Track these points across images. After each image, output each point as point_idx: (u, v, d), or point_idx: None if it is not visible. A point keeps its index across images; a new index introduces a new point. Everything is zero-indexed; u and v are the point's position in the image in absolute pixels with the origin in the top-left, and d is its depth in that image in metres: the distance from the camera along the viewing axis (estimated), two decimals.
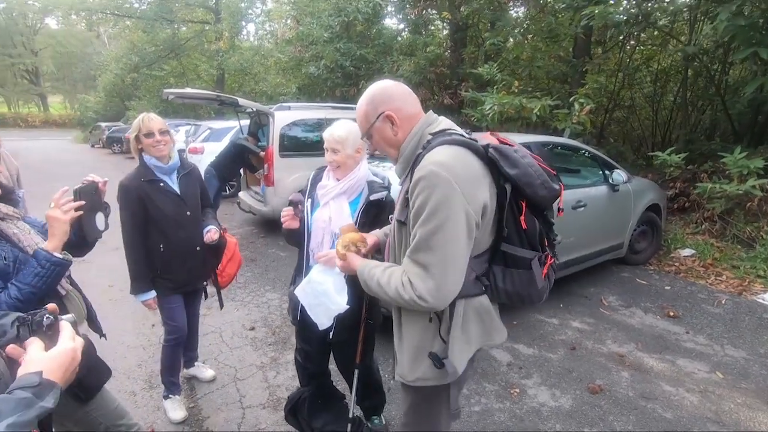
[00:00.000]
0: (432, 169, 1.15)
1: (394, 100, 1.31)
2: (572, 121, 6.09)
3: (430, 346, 1.28)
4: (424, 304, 1.17)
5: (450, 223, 1.14)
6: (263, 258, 5.20)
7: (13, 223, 1.45)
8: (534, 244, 1.29)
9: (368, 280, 1.30)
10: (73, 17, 25.65)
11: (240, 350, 3.16)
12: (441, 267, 1.15)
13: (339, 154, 1.80)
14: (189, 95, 5.90)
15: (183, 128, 14.18)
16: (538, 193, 1.23)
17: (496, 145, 1.26)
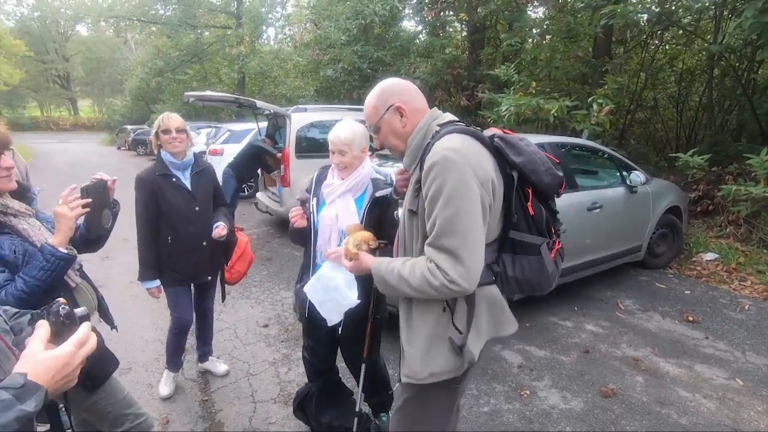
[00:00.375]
0: (445, 154, 1.18)
1: (404, 94, 1.37)
2: (591, 122, 6.00)
3: (444, 336, 1.29)
4: (456, 289, 1.17)
5: (470, 205, 1.18)
6: (279, 257, 5.28)
7: (24, 219, 1.51)
8: (541, 230, 1.32)
9: (387, 276, 1.29)
10: (102, 24, 26.55)
11: (253, 346, 3.22)
12: (468, 249, 1.17)
13: (346, 155, 1.83)
14: (209, 98, 6.06)
15: (204, 130, 14.51)
16: (543, 179, 1.27)
17: (502, 135, 1.32)
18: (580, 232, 3.67)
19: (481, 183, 1.20)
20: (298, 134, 5.83)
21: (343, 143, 1.81)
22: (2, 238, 1.38)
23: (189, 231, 2.33)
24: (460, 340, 1.25)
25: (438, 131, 1.30)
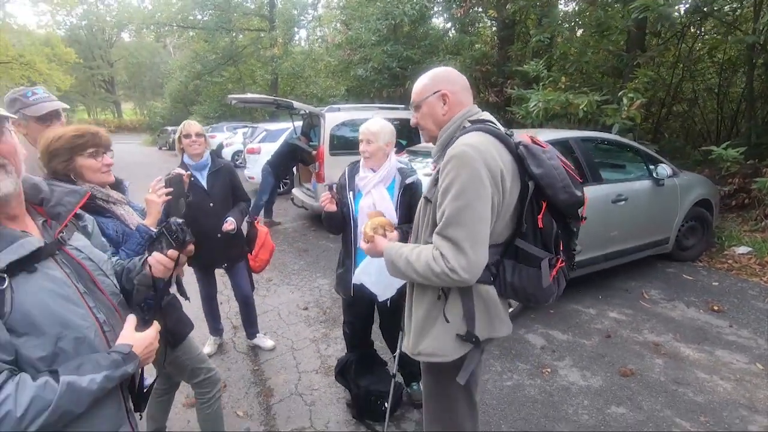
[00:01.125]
0: (464, 149, 1.26)
1: (453, 84, 1.43)
2: (621, 117, 6.01)
3: (434, 322, 1.39)
4: (455, 278, 1.24)
5: (479, 200, 1.24)
6: (314, 249, 5.62)
7: (121, 206, 1.84)
8: (548, 244, 1.35)
9: (396, 259, 1.38)
10: (143, 31, 27.95)
11: (295, 326, 3.55)
12: (471, 242, 1.24)
13: (372, 145, 2.10)
14: (249, 100, 6.48)
15: (240, 130, 15.18)
16: (558, 195, 1.29)
17: (528, 143, 1.34)
18: (604, 224, 3.80)
19: (491, 178, 1.25)
20: (332, 132, 6.14)
21: (371, 133, 2.09)
22: (107, 221, 1.71)
23: (204, 224, 2.59)
24: (450, 329, 1.35)
25: (465, 127, 1.38)
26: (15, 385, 0.81)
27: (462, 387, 1.43)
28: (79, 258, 1.03)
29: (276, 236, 6.17)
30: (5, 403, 0.78)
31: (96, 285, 1.04)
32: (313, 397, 2.64)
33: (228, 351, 3.18)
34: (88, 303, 0.99)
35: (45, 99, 1.87)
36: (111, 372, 0.94)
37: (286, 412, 2.52)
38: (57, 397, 0.84)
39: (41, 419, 0.82)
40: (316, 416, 2.47)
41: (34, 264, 0.92)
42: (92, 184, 1.55)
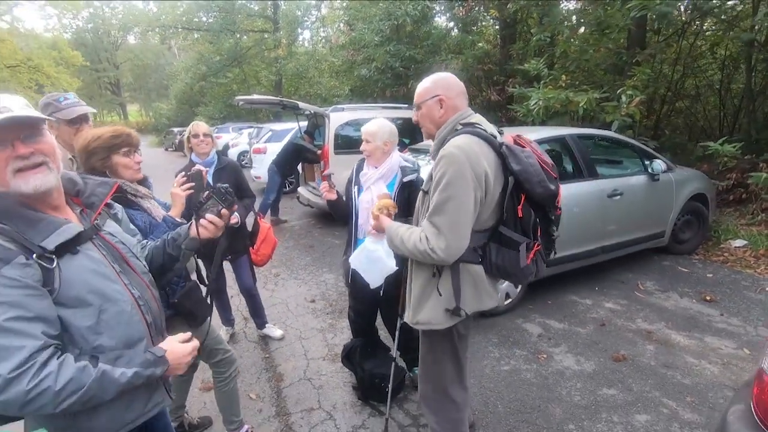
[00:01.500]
0: (452, 150, 1.48)
1: (450, 90, 1.64)
2: (621, 114, 6.11)
3: (429, 295, 1.61)
4: (434, 256, 1.48)
5: (462, 194, 1.46)
6: (320, 245, 5.78)
7: (147, 200, 2.02)
8: (526, 231, 1.57)
9: (393, 236, 1.65)
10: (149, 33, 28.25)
11: (303, 317, 3.71)
12: (451, 228, 1.47)
13: (370, 144, 2.27)
14: (256, 101, 6.65)
15: (246, 131, 15.36)
16: (535, 189, 1.51)
17: (510, 144, 1.57)
18: (600, 218, 3.93)
19: (476, 178, 1.47)
20: (337, 132, 6.30)
21: (369, 134, 2.26)
22: (136, 213, 1.87)
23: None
24: (441, 302, 1.57)
25: (457, 129, 1.59)
26: (59, 364, 0.93)
27: (450, 351, 1.71)
28: (113, 241, 1.19)
29: (283, 233, 6.35)
30: (47, 378, 0.91)
31: (129, 265, 1.20)
32: (321, 381, 2.81)
33: (240, 340, 3.35)
34: (123, 280, 1.15)
35: (75, 104, 2.04)
36: (141, 370, 1.06)
37: (296, 395, 2.69)
38: (91, 381, 0.96)
39: (74, 398, 0.94)
40: (323, 398, 2.64)
41: (76, 247, 1.07)
42: (123, 180, 1.72)
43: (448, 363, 1.74)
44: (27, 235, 0.97)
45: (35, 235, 0.98)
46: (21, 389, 0.88)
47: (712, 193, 4.96)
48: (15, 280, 0.91)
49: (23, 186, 0.97)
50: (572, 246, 3.82)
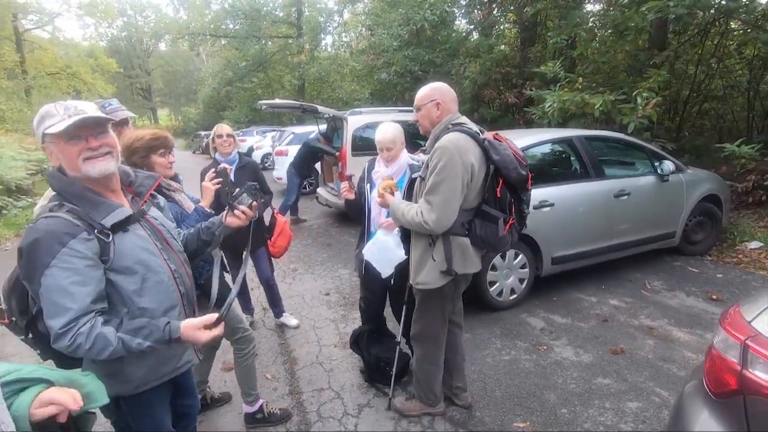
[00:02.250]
0: (446, 144, 1.90)
1: (445, 96, 2.07)
2: (637, 116, 6.11)
3: (426, 261, 2.03)
4: (426, 227, 1.91)
5: (452, 178, 1.87)
6: (337, 243, 6.02)
7: (178, 193, 2.28)
8: (504, 209, 2.00)
9: (395, 210, 2.07)
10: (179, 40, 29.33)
11: (318, 308, 3.94)
12: (441, 204, 1.89)
13: (393, 150, 2.46)
14: (278, 105, 6.95)
15: (269, 134, 15.82)
16: (510, 175, 1.94)
17: (491, 139, 1.99)
18: (606, 218, 4.01)
19: (464, 166, 1.89)
20: (354, 134, 6.53)
21: (390, 142, 2.44)
22: (169, 204, 2.13)
23: None
24: (436, 267, 2.00)
25: (449, 128, 2.00)
26: (90, 328, 1.15)
27: (439, 307, 2.19)
28: (155, 224, 1.43)
29: (301, 232, 6.62)
30: (81, 337, 1.14)
31: (168, 244, 1.44)
32: (332, 365, 3.02)
33: (259, 328, 3.60)
34: (163, 256, 1.39)
35: (118, 109, 2.33)
36: (156, 344, 1.22)
37: (308, 376, 2.91)
38: (113, 347, 1.17)
39: (103, 355, 1.16)
40: (333, 380, 2.85)
41: (127, 226, 1.31)
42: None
43: (437, 316, 2.21)
44: (91, 215, 1.22)
45: (97, 214, 1.23)
46: (64, 344, 1.13)
47: (725, 194, 4.94)
48: (79, 252, 1.16)
49: (91, 170, 1.22)
50: (578, 245, 3.93)
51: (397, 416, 2.46)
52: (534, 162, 4.10)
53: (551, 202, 3.70)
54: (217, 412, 2.58)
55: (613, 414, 2.41)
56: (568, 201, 3.82)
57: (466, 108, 10.97)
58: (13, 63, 24.50)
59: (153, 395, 1.41)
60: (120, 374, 1.31)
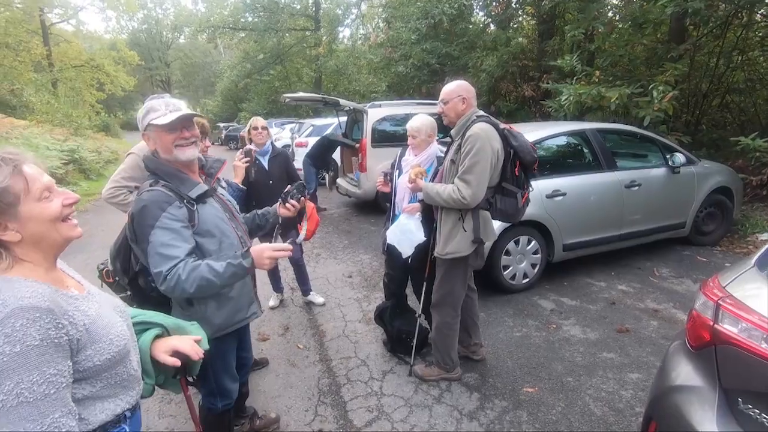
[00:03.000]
0: (478, 132, 2.25)
1: (469, 93, 2.42)
2: (653, 109, 6.20)
3: (456, 233, 2.36)
4: (464, 201, 2.24)
5: (484, 160, 2.22)
6: (357, 231, 6.31)
7: None
8: (520, 185, 2.39)
9: (430, 191, 2.38)
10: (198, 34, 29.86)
11: (341, 289, 4.23)
12: (474, 182, 2.23)
13: (416, 138, 2.72)
14: (301, 98, 7.23)
15: (288, 126, 16.15)
16: (526, 157, 2.33)
17: (509, 128, 2.35)
18: (617, 207, 4.19)
19: (492, 150, 2.24)
20: (374, 127, 6.77)
21: (415, 130, 2.71)
22: None
23: (266, 198, 3.19)
24: (467, 236, 2.34)
25: (475, 119, 2.35)
26: (184, 264, 1.44)
27: (462, 275, 2.49)
28: (224, 199, 1.74)
29: (323, 220, 6.92)
30: (178, 274, 1.42)
31: (234, 215, 1.75)
32: (357, 338, 3.31)
33: (288, 305, 3.91)
34: (231, 224, 1.69)
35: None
36: (232, 261, 1.47)
37: (336, 347, 3.20)
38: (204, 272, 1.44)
39: (196, 283, 1.43)
40: (359, 350, 3.13)
41: (205, 199, 1.61)
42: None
43: (460, 282, 2.51)
44: (180, 189, 1.52)
45: (184, 188, 1.53)
46: (169, 284, 1.43)
47: (737, 186, 5.05)
48: (175, 216, 1.46)
49: (181, 155, 1.52)
50: (588, 233, 4.13)
51: (417, 381, 2.73)
52: (548, 154, 4.31)
53: (563, 192, 3.91)
54: (257, 374, 2.88)
55: (614, 383, 2.64)
56: (579, 191, 4.02)
57: (483, 101, 11.11)
58: (41, 56, 25.25)
59: (226, 341, 1.76)
60: (204, 320, 1.60)
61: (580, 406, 2.45)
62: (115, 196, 2.51)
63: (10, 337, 0.80)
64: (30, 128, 12.99)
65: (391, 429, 2.34)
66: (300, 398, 2.63)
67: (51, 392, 0.83)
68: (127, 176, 2.53)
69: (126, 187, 2.53)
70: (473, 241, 2.36)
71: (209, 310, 1.65)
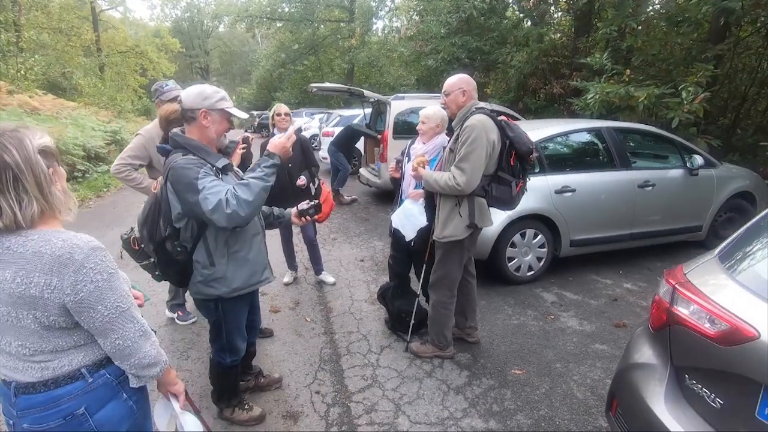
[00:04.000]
0: (475, 122, 2.38)
1: (470, 86, 2.56)
2: (683, 110, 6.08)
3: (453, 218, 2.51)
4: (458, 188, 2.38)
5: (479, 149, 2.35)
6: (374, 218, 6.51)
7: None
8: (515, 174, 2.53)
9: (429, 179, 2.53)
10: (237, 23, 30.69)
11: (352, 271, 4.44)
12: (469, 170, 2.36)
13: (425, 125, 2.88)
14: (327, 88, 7.47)
15: (317, 116, 16.49)
16: (521, 148, 2.46)
17: (506, 120, 2.42)
18: (629, 206, 4.21)
19: (488, 141, 2.37)
20: (396, 119, 6.92)
21: (426, 117, 2.88)
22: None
23: (284, 180, 3.50)
24: (462, 221, 2.49)
25: (474, 111, 2.49)
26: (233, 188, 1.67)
27: (458, 257, 2.63)
28: (239, 175, 1.95)
29: (342, 207, 7.16)
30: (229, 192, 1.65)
31: None
32: (361, 315, 3.51)
33: (301, 282, 4.16)
34: None
35: (173, 88, 3.04)
36: (270, 170, 1.78)
37: (340, 322, 3.42)
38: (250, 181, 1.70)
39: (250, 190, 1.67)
40: (361, 326, 3.34)
41: (227, 171, 1.85)
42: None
43: (456, 265, 2.66)
44: (208, 159, 1.78)
45: (211, 159, 1.80)
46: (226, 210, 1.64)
47: (761, 192, 4.92)
48: (209, 173, 1.71)
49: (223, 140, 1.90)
50: (598, 230, 4.17)
51: (412, 356, 2.91)
52: (560, 150, 4.36)
53: (573, 188, 3.96)
54: (266, 340, 3.13)
55: (602, 371, 2.74)
56: (590, 188, 4.06)
57: (510, 97, 11.04)
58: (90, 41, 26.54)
59: (240, 302, 2.02)
60: (225, 279, 1.89)
61: (564, 389, 2.57)
62: (120, 172, 2.85)
63: (97, 268, 1.06)
64: (78, 109, 13.81)
65: (382, 396, 2.53)
66: (302, 363, 2.86)
67: (131, 303, 1.15)
68: (133, 155, 2.87)
69: (131, 165, 2.87)
70: (468, 226, 2.50)
71: (229, 270, 1.90)
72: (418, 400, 2.50)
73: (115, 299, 1.09)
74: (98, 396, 1.15)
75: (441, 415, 2.38)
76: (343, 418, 2.37)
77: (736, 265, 1.49)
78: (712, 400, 1.36)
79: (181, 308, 3.38)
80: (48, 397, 1.10)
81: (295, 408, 2.45)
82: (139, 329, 1.15)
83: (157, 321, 3.37)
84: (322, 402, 2.49)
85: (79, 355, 1.13)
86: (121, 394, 1.20)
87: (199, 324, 3.30)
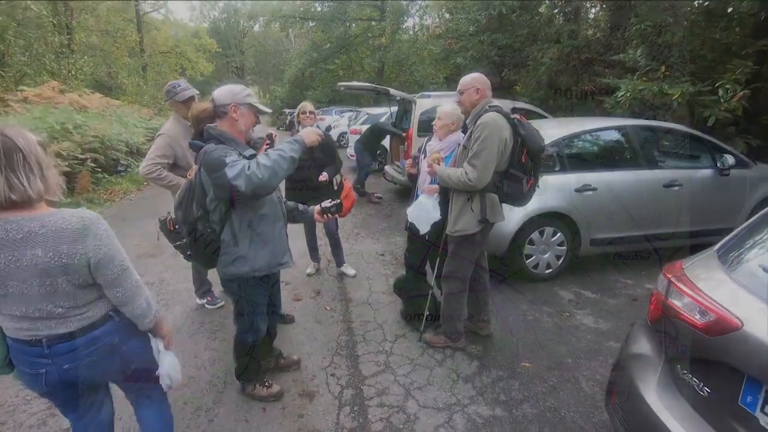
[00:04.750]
0: (488, 120, 2.46)
1: (484, 84, 2.63)
2: (720, 109, 5.87)
3: (465, 213, 2.60)
4: (470, 184, 2.47)
5: (491, 147, 2.44)
6: (397, 215, 6.62)
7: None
8: (527, 171, 2.60)
9: (442, 174, 2.65)
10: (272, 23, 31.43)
11: (372, 265, 4.58)
12: (481, 167, 2.45)
13: (441, 121, 2.99)
14: (354, 86, 7.65)
15: (347, 114, 16.75)
16: (533, 146, 2.54)
17: (518, 118, 2.55)
18: (653, 206, 4.13)
19: (500, 139, 2.45)
20: (421, 117, 7.00)
21: (443, 113, 2.99)
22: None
23: (306, 174, 3.66)
24: (474, 216, 2.58)
25: (487, 109, 2.55)
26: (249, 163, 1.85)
27: (470, 251, 2.72)
28: None
29: (366, 203, 7.31)
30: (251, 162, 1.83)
31: None
32: (378, 306, 3.65)
33: (323, 273, 4.34)
34: None
35: (186, 88, 3.13)
36: (291, 145, 1.94)
37: (358, 312, 3.56)
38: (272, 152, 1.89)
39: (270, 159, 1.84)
40: (378, 316, 3.47)
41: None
42: None
43: (468, 259, 2.76)
44: (238, 149, 1.96)
45: (241, 149, 1.98)
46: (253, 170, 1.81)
47: None
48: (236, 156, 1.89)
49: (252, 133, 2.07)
50: (620, 229, 4.12)
51: (425, 346, 3.02)
52: (581, 148, 4.34)
53: (594, 187, 3.94)
54: (287, 326, 3.31)
55: None
56: (612, 187, 4.02)
57: (540, 95, 10.89)
58: (134, 42, 27.88)
59: (260, 282, 2.20)
60: (247, 258, 2.07)
61: (572, 383, 2.62)
62: (151, 172, 2.96)
63: (106, 233, 1.36)
64: (122, 107, 14.60)
65: (393, 380, 2.66)
66: (320, 348, 3.03)
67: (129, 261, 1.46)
68: (161, 154, 2.98)
69: (160, 164, 2.98)
70: (480, 221, 2.59)
71: (251, 250, 2.08)
72: (428, 386, 2.61)
73: (120, 258, 1.40)
74: (126, 330, 1.51)
75: (449, 401, 2.48)
76: (356, 399, 2.51)
77: (732, 260, 1.53)
78: (700, 389, 1.40)
79: (210, 293, 3.61)
80: (89, 339, 1.42)
81: (311, 388, 2.61)
82: (135, 283, 1.45)
83: (190, 305, 3.63)
84: (336, 384, 2.65)
85: (105, 303, 1.45)
86: (138, 330, 1.55)
87: (226, 309, 3.52)
